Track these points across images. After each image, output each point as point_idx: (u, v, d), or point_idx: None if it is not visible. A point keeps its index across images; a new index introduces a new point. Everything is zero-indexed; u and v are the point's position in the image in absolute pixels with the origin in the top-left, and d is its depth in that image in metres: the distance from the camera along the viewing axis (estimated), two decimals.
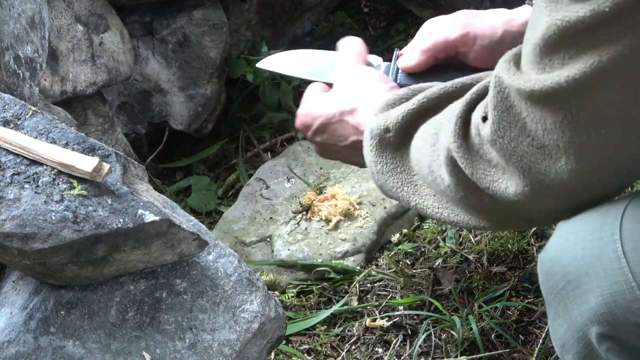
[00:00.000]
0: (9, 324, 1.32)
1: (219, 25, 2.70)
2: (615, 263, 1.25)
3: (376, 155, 1.45)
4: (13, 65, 1.71)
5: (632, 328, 1.24)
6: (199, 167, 2.79)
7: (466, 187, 1.29)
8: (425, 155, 1.37)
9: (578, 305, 1.29)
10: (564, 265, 1.31)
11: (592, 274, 1.27)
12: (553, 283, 1.32)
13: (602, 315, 1.26)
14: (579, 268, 1.28)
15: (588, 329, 1.28)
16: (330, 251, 2.31)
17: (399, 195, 1.44)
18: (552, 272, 1.33)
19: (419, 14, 2.90)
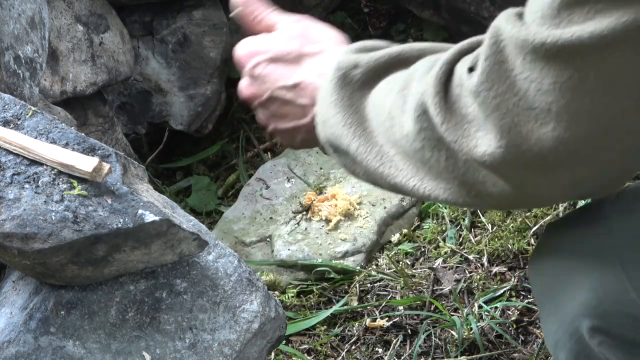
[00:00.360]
0: (9, 324, 1.32)
1: (219, 25, 2.70)
2: (604, 256, 1.24)
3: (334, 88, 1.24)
4: (13, 65, 1.71)
5: (623, 320, 1.24)
6: (199, 167, 2.79)
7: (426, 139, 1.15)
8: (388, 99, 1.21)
9: (568, 301, 1.28)
10: (553, 262, 1.30)
11: (581, 269, 1.26)
12: (543, 282, 1.32)
13: (593, 308, 1.25)
14: (566, 265, 1.28)
15: (579, 323, 1.26)
16: (330, 251, 2.31)
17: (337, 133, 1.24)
18: (541, 272, 1.32)
19: (419, 14, 2.90)
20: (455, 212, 2.37)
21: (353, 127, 1.22)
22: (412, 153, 1.17)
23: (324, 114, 1.24)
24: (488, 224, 2.33)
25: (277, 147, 2.77)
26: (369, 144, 1.21)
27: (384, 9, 3.08)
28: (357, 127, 1.22)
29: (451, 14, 2.79)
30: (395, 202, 2.41)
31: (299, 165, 2.60)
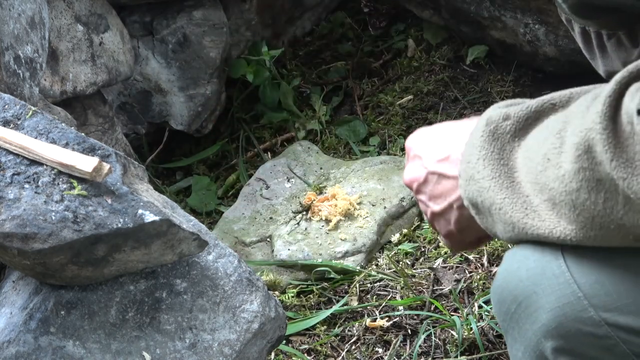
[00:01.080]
0: (9, 324, 1.32)
1: (219, 25, 2.70)
2: (560, 277, 1.27)
3: (484, 143, 1.26)
4: (13, 65, 1.71)
5: (584, 338, 1.26)
6: (199, 167, 2.79)
7: (585, 179, 1.14)
8: (544, 143, 1.20)
9: (531, 325, 1.30)
10: (512, 289, 1.32)
11: (540, 292, 1.28)
12: (505, 309, 1.34)
13: (555, 329, 1.27)
14: (526, 289, 1.30)
15: (543, 345, 1.29)
16: (330, 251, 2.31)
17: (483, 187, 1.25)
18: (502, 299, 1.34)
19: (419, 14, 2.90)
20: None
21: (501, 179, 1.23)
22: (563, 196, 1.17)
23: (471, 170, 1.27)
24: None
25: (277, 147, 2.77)
26: (515, 195, 1.23)
27: (384, 9, 3.08)
28: (505, 178, 1.23)
29: (451, 14, 2.79)
30: (395, 202, 2.41)
31: (299, 165, 2.60)
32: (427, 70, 2.86)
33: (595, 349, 1.27)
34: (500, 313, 1.36)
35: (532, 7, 2.61)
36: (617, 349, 1.26)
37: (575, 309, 1.26)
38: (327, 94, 2.90)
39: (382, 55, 2.97)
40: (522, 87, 2.73)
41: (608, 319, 1.25)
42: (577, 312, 1.26)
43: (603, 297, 1.25)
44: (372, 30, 3.06)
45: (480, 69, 2.81)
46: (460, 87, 2.78)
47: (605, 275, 1.25)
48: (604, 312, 1.25)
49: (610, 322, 1.25)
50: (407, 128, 2.70)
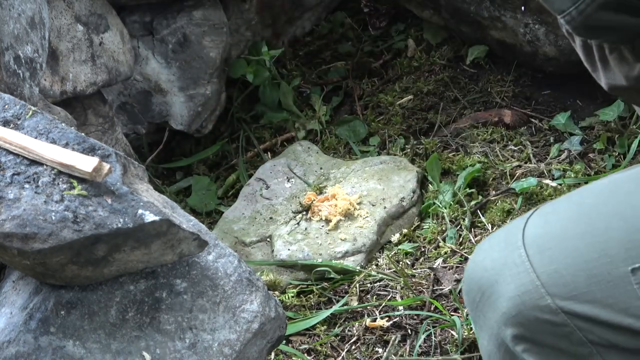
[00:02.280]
0: (9, 324, 1.32)
1: (219, 25, 2.70)
2: (520, 267, 1.31)
3: None
4: (13, 65, 1.71)
5: (542, 326, 1.30)
6: (199, 167, 2.79)
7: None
8: None
9: (493, 313, 1.34)
10: (477, 279, 1.37)
11: (501, 281, 1.33)
12: (472, 298, 1.39)
13: (514, 317, 1.31)
14: (489, 278, 1.34)
15: (503, 333, 1.33)
16: (330, 251, 2.31)
17: None
18: (469, 288, 1.39)
19: (419, 14, 2.90)
20: (455, 212, 2.37)
21: None
22: None
23: None
24: (488, 224, 2.33)
25: (277, 147, 2.77)
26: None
27: (384, 8, 3.08)
28: None
29: (451, 14, 2.79)
30: (395, 202, 2.41)
31: (299, 165, 2.60)
32: (427, 70, 2.86)
33: (552, 336, 1.30)
34: (468, 303, 1.40)
35: (532, 7, 2.61)
36: (573, 337, 1.29)
37: (534, 297, 1.29)
38: (327, 94, 2.90)
39: (382, 55, 2.97)
40: (522, 87, 2.74)
41: (564, 307, 1.28)
42: (535, 300, 1.29)
43: (560, 286, 1.29)
44: (372, 30, 3.06)
45: (480, 69, 2.81)
46: (460, 87, 2.78)
47: (563, 265, 1.29)
48: (560, 301, 1.28)
49: (566, 310, 1.28)
50: (407, 128, 2.70)
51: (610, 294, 1.27)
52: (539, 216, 1.36)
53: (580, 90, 2.67)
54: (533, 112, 2.66)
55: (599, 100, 2.62)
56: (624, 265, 1.26)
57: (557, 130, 2.59)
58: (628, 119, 2.53)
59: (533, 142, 2.57)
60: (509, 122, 2.63)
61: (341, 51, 3.02)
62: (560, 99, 2.68)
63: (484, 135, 2.60)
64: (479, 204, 2.38)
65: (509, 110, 2.66)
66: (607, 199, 1.33)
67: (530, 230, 1.34)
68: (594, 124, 2.57)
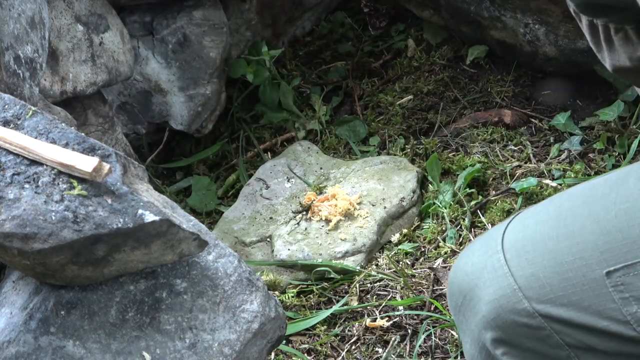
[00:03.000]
0: (9, 324, 1.32)
1: (219, 25, 2.70)
2: (499, 271, 1.32)
3: None
4: (13, 65, 1.71)
5: (520, 329, 1.31)
6: (199, 167, 2.79)
7: None
8: None
9: (473, 316, 1.35)
10: (458, 283, 1.38)
11: (481, 284, 1.34)
12: (454, 302, 1.40)
13: (493, 320, 1.32)
14: (470, 282, 1.36)
15: (483, 336, 1.34)
16: (330, 251, 2.31)
17: None
18: (452, 292, 1.40)
19: (419, 14, 2.90)
20: (455, 212, 2.37)
21: None
22: None
23: None
24: (488, 224, 2.33)
25: (277, 147, 2.77)
26: None
27: (384, 8, 3.08)
28: None
29: (451, 14, 2.79)
30: (395, 202, 2.41)
31: (299, 165, 2.60)
32: (427, 70, 2.86)
33: (530, 339, 1.31)
34: (452, 307, 1.42)
35: (532, 7, 2.61)
36: (550, 340, 1.30)
37: (511, 301, 1.30)
38: (327, 94, 2.90)
39: (382, 55, 2.97)
40: (522, 87, 2.73)
41: (541, 310, 1.29)
42: (512, 303, 1.30)
43: (537, 290, 1.30)
44: (372, 30, 3.06)
45: (480, 69, 2.81)
46: (460, 87, 2.78)
47: (540, 269, 1.30)
48: (537, 304, 1.29)
49: (543, 313, 1.30)
50: (407, 128, 2.70)
51: (585, 297, 1.28)
52: (519, 221, 1.37)
53: (580, 90, 2.67)
54: (533, 112, 2.66)
55: (599, 100, 2.62)
56: (598, 268, 1.27)
57: (557, 130, 2.59)
58: (628, 119, 2.53)
59: (533, 142, 2.57)
60: (509, 122, 2.63)
61: (341, 51, 3.02)
62: (560, 99, 2.68)
63: (484, 135, 2.60)
64: (479, 204, 2.38)
65: (509, 110, 2.66)
66: (584, 202, 1.33)
67: (510, 234, 1.35)
68: (594, 124, 2.57)
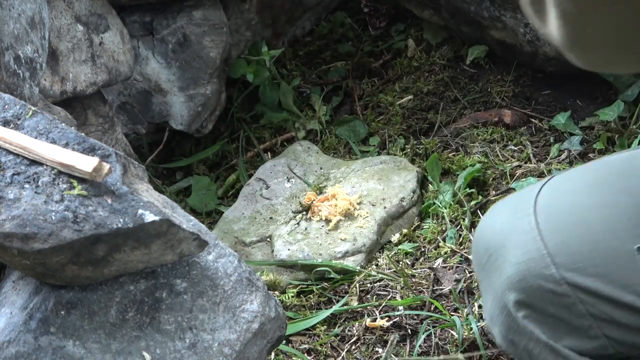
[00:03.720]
0: (9, 324, 1.32)
1: (219, 25, 2.70)
2: (529, 234, 1.31)
3: None
4: (13, 65, 1.71)
5: (544, 294, 1.30)
6: (199, 167, 2.79)
7: None
8: None
9: (498, 276, 1.34)
10: (486, 240, 1.37)
11: (509, 245, 1.33)
12: (479, 260, 1.39)
13: (518, 282, 1.31)
14: (497, 241, 1.35)
15: (506, 297, 1.33)
16: (330, 251, 2.31)
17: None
18: (477, 249, 1.40)
19: (419, 14, 2.90)
20: (455, 212, 2.37)
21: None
22: None
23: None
24: None
25: (277, 147, 2.77)
26: None
27: (384, 8, 3.08)
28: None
29: (451, 14, 2.79)
30: (395, 202, 2.41)
31: (299, 165, 2.60)
32: (427, 70, 2.86)
33: (553, 305, 1.31)
34: (475, 264, 1.41)
35: None
36: (574, 308, 1.30)
37: (539, 265, 1.30)
38: (327, 94, 2.90)
39: (382, 55, 2.97)
40: (522, 87, 2.73)
41: (568, 278, 1.29)
42: (540, 268, 1.30)
43: (566, 257, 1.29)
44: (372, 30, 3.06)
45: (480, 69, 2.81)
46: (460, 87, 2.78)
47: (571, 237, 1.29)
48: (565, 271, 1.29)
49: (570, 281, 1.29)
50: (407, 128, 2.70)
51: (613, 270, 1.27)
52: (553, 185, 1.35)
53: (580, 90, 2.67)
54: (533, 112, 2.66)
55: (599, 100, 2.62)
56: (630, 243, 1.26)
57: (557, 130, 2.59)
58: (628, 119, 2.53)
59: (533, 142, 2.57)
60: (509, 122, 2.63)
61: (341, 51, 3.02)
62: (560, 99, 2.68)
63: (484, 135, 2.60)
64: (479, 204, 2.38)
65: (509, 110, 2.66)
66: (620, 172, 1.32)
67: (543, 198, 1.33)
68: (594, 124, 2.57)
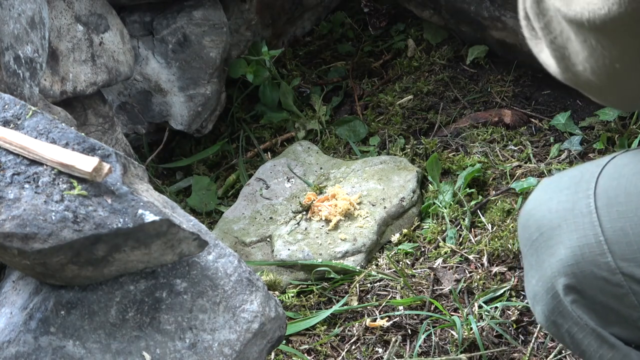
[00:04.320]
0: (9, 324, 1.32)
1: (219, 25, 2.70)
2: (587, 217, 1.27)
3: None
4: (13, 65, 1.71)
5: (596, 281, 1.27)
6: (199, 167, 2.79)
7: None
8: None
9: (548, 257, 1.31)
10: (538, 217, 1.33)
11: (564, 227, 1.29)
12: (528, 235, 1.35)
13: (570, 267, 1.28)
14: (552, 220, 1.30)
15: (556, 280, 1.30)
16: (330, 251, 2.31)
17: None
18: (527, 224, 1.35)
19: (419, 14, 2.90)
20: (455, 212, 2.37)
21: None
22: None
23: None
24: (488, 224, 2.33)
25: (277, 147, 2.77)
26: None
27: (384, 8, 3.08)
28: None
29: (451, 14, 2.79)
30: (395, 202, 2.41)
31: (299, 165, 2.60)
32: (427, 70, 2.86)
33: (604, 294, 1.27)
34: (522, 238, 1.36)
35: None
36: (626, 299, 1.26)
37: (594, 252, 1.26)
38: (327, 94, 2.90)
39: (382, 55, 2.97)
40: (522, 87, 2.73)
41: (624, 268, 1.25)
42: (595, 255, 1.26)
43: (624, 246, 1.25)
44: (372, 30, 3.06)
45: (480, 69, 2.81)
46: (460, 87, 2.78)
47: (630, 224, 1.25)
48: (621, 261, 1.25)
49: (625, 271, 1.25)
50: (407, 128, 2.70)
51: None
52: (615, 166, 1.30)
53: None
54: (533, 112, 2.66)
55: None
56: None
57: (557, 130, 2.59)
58: (628, 119, 2.53)
59: (533, 142, 2.57)
60: (509, 122, 2.63)
61: (341, 51, 3.02)
62: (560, 99, 2.68)
63: (484, 135, 2.60)
64: (479, 204, 2.38)
65: (509, 110, 2.66)
66: None
67: (604, 180, 1.28)
68: (594, 124, 2.57)
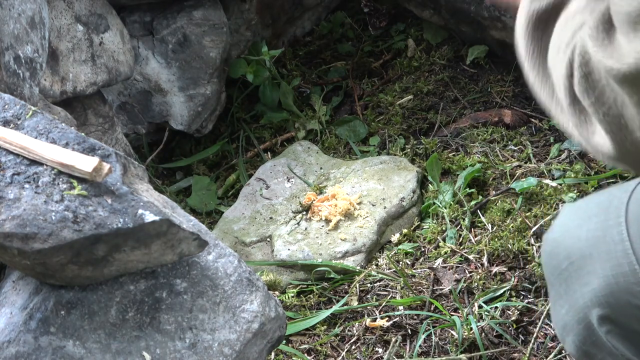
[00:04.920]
0: (9, 324, 1.32)
1: (219, 25, 2.70)
2: (619, 245, 1.24)
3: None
4: (13, 65, 1.71)
5: (633, 310, 1.24)
6: (199, 167, 2.79)
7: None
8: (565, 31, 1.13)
9: (580, 287, 1.28)
10: (567, 246, 1.29)
11: (596, 256, 1.25)
12: (556, 263, 1.31)
13: (604, 297, 1.25)
14: (582, 249, 1.27)
15: (589, 310, 1.27)
16: (330, 251, 2.31)
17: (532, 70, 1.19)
18: (555, 252, 1.32)
19: (419, 14, 2.90)
20: (455, 212, 2.37)
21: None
22: None
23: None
24: (488, 224, 2.33)
25: (277, 147, 2.77)
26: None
27: (384, 8, 3.08)
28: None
29: (451, 14, 2.79)
30: (395, 202, 2.41)
31: (299, 165, 2.60)
32: (427, 70, 2.86)
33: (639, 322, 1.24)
34: (549, 266, 1.33)
35: None
36: None
37: (629, 281, 1.23)
38: (327, 94, 2.90)
39: (382, 55, 2.97)
40: (522, 87, 2.74)
41: None
42: (630, 284, 1.23)
43: None
44: (372, 30, 3.06)
45: (480, 69, 2.81)
46: (460, 87, 2.78)
47: None
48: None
49: None
50: (407, 128, 2.70)
51: None
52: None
53: None
54: (533, 112, 2.66)
55: None
56: None
57: (557, 130, 2.59)
58: None
59: (533, 142, 2.57)
60: (509, 122, 2.63)
61: (341, 51, 3.02)
62: None
63: (484, 135, 2.60)
64: (479, 204, 2.38)
65: (509, 110, 2.66)
66: None
67: (635, 205, 1.24)
68: None
